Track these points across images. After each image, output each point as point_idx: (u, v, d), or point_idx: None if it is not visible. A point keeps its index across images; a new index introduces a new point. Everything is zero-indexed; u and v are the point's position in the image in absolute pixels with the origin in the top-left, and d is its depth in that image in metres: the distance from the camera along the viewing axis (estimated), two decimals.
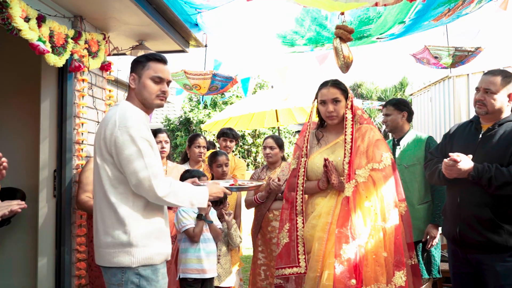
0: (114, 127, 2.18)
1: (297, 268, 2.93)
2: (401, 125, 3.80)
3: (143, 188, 2.15)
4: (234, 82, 5.22)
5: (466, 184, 2.66)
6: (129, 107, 2.30)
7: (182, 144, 12.91)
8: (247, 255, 6.32)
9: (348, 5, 3.17)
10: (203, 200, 2.36)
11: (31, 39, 2.96)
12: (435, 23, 4.20)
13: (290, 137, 14.28)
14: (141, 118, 2.26)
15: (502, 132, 2.67)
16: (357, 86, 20.40)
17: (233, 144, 5.16)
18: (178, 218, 3.32)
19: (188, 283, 3.30)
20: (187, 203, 2.30)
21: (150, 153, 2.19)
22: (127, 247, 2.17)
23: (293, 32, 4.30)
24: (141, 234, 2.19)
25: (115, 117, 2.21)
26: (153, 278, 2.22)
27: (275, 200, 4.08)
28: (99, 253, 2.25)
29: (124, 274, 2.19)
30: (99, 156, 2.25)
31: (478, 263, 2.70)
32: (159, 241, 2.27)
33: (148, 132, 2.24)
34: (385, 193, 2.78)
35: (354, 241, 2.68)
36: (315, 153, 3.06)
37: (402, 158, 3.67)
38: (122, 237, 2.17)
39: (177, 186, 2.26)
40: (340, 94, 2.96)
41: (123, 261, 2.17)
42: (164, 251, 2.31)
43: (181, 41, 4.67)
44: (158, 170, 2.19)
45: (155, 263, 2.23)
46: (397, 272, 2.66)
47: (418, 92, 7.13)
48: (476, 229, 2.64)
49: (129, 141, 2.15)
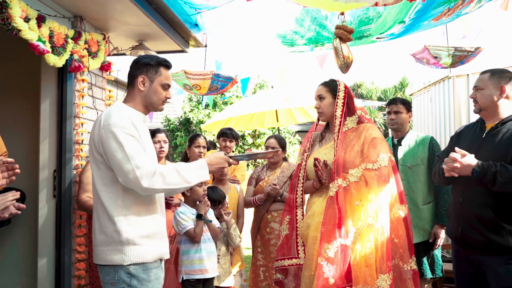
0: (100, 127, 2.22)
1: (296, 259, 2.96)
2: (406, 125, 3.78)
3: (130, 181, 2.14)
4: (234, 82, 5.22)
5: (469, 183, 2.67)
6: (116, 107, 2.31)
7: (182, 144, 12.91)
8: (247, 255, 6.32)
9: (348, 5, 3.17)
10: (202, 173, 2.28)
11: (31, 39, 2.97)
12: (434, 23, 4.20)
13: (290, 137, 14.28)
14: (127, 116, 2.25)
15: (506, 131, 2.68)
16: (357, 86, 20.40)
17: (233, 144, 5.15)
18: (177, 220, 3.31)
19: (191, 283, 3.31)
20: (181, 183, 2.23)
21: (133, 147, 2.16)
22: (118, 245, 2.18)
23: (293, 32, 4.30)
24: (132, 232, 2.19)
25: (101, 118, 2.26)
26: (144, 277, 2.22)
27: (274, 202, 4.08)
28: (95, 251, 2.28)
29: (117, 273, 2.20)
30: (91, 156, 2.30)
31: (480, 264, 2.69)
32: (151, 239, 2.26)
33: (132, 128, 2.22)
34: (377, 193, 2.75)
35: (336, 241, 2.67)
36: (315, 152, 3.08)
37: (405, 159, 3.65)
38: (114, 236, 2.19)
39: (165, 170, 2.19)
40: (326, 92, 3.04)
41: (115, 259, 2.19)
42: (157, 250, 2.29)
43: (181, 41, 4.67)
44: (142, 161, 2.14)
45: (146, 261, 2.23)
46: (381, 275, 2.64)
47: (418, 92, 7.12)
48: (478, 229, 2.63)
49: (111, 138, 2.16)
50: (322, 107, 3.04)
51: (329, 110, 3.01)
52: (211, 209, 3.53)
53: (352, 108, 3.02)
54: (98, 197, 2.25)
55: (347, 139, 2.93)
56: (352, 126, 2.98)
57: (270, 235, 4.05)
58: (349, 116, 3.01)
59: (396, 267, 2.78)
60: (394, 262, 2.78)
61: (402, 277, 2.78)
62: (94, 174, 2.27)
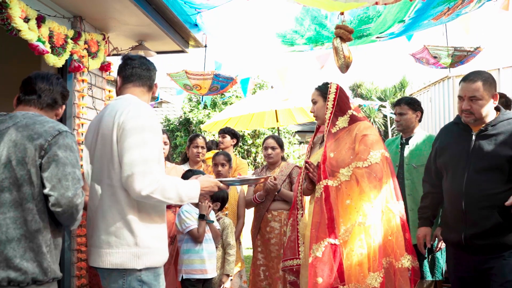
0: (126, 118, 2.13)
1: (296, 260, 2.98)
2: (413, 125, 3.69)
3: (131, 183, 2.06)
4: (233, 82, 5.23)
5: (470, 188, 2.62)
6: (142, 104, 2.27)
7: (182, 144, 12.90)
8: (247, 255, 6.32)
9: (347, 5, 3.16)
10: (194, 194, 2.26)
11: (31, 39, 2.96)
12: (434, 22, 4.20)
13: (290, 137, 14.27)
14: (155, 115, 2.25)
15: (497, 132, 2.62)
16: (357, 86, 20.38)
17: (227, 140, 5.15)
18: (181, 219, 3.31)
19: (191, 283, 3.31)
20: (175, 199, 2.18)
21: (153, 150, 2.11)
22: (132, 248, 2.10)
23: (293, 32, 4.30)
24: (148, 236, 2.14)
25: (124, 111, 2.16)
26: (155, 284, 2.17)
27: (274, 201, 4.08)
28: (97, 253, 2.16)
29: (126, 279, 2.11)
30: (107, 149, 2.16)
31: (484, 262, 2.63)
32: (162, 243, 2.23)
33: (159, 130, 2.21)
34: (369, 191, 2.73)
35: (324, 241, 2.66)
36: (314, 154, 3.11)
37: (411, 158, 3.59)
38: (128, 239, 2.10)
39: (167, 184, 2.14)
40: (317, 96, 3.10)
41: (127, 263, 2.10)
42: (165, 254, 2.27)
43: (180, 41, 4.67)
44: (154, 169, 2.09)
45: (159, 265, 2.20)
46: (371, 273, 2.64)
47: (418, 92, 7.14)
48: (484, 233, 2.58)
49: (137, 132, 2.10)
50: (316, 111, 3.11)
51: (321, 113, 3.06)
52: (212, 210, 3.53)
53: (343, 108, 3.01)
54: (111, 194, 2.14)
55: (339, 139, 2.92)
56: (344, 126, 2.96)
57: (270, 235, 4.06)
58: (341, 116, 2.98)
59: (390, 265, 2.77)
60: (388, 259, 2.77)
61: (396, 275, 2.76)
62: (112, 171, 2.14)
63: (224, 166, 4.07)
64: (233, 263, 3.66)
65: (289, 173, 4.14)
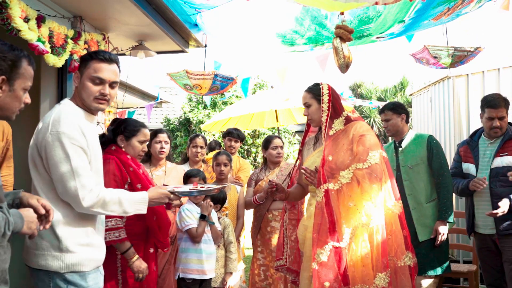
0: (47, 131, 2.08)
1: (280, 260, 3.19)
2: (402, 128, 3.81)
3: (69, 197, 2.08)
4: (234, 82, 5.23)
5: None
6: (66, 109, 2.18)
7: (182, 144, 12.90)
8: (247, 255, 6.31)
9: (348, 5, 3.16)
10: (140, 206, 2.26)
11: (31, 39, 2.96)
12: (434, 22, 4.20)
13: (290, 137, 14.26)
14: (77, 121, 2.13)
15: None
16: (356, 86, 20.39)
17: (238, 145, 5.16)
18: (181, 217, 3.31)
19: (187, 284, 3.29)
20: (119, 212, 2.20)
21: (80, 161, 2.08)
22: (56, 251, 2.10)
23: (293, 32, 4.30)
24: (71, 240, 2.11)
25: (49, 121, 2.10)
26: (81, 283, 2.14)
27: (274, 201, 4.08)
28: (26, 251, 2.17)
29: (51, 279, 2.11)
30: (30, 158, 2.16)
31: None
32: (89, 247, 2.19)
33: (82, 138, 2.11)
34: (371, 191, 2.73)
35: (328, 245, 2.66)
36: (309, 156, 3.10)
37: (406, 159, 3.70)
38: (52, 241, 2.10)
39: (108, 197, 2.13)
40: (310, 98, 3.01)
41: (51, 265, 2.09)
42: (94, 258, 2.21)
43: (180, 41, 4.67)
44: (87, 180, 2.08)
45: (83, 270, 2.15)
46: (379, 274, 2.64)
47: (418, 92, 7.12)
48: None
49: (58, 147, 2.05)
50: (311, 114, 3.03)
51: (317, 115, 2.99)
52: (214, 211, 3.53)
53: (338, 110, 2.98)
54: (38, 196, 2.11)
55: (337, 142, 2.90)
56: (340, 128, 2.93)
57: (271, 234, 4.06)
58: (336, 118, 2.96)
59: (391, 264, 2.77)
60: (389, 258, 2.77)
61: (398, 273, 2.77)
62: (34, 178, 2.13)
63: (227, 166, 4.10)
64: (236, 260, 3.66)
65: (289, 172, 4.13)
